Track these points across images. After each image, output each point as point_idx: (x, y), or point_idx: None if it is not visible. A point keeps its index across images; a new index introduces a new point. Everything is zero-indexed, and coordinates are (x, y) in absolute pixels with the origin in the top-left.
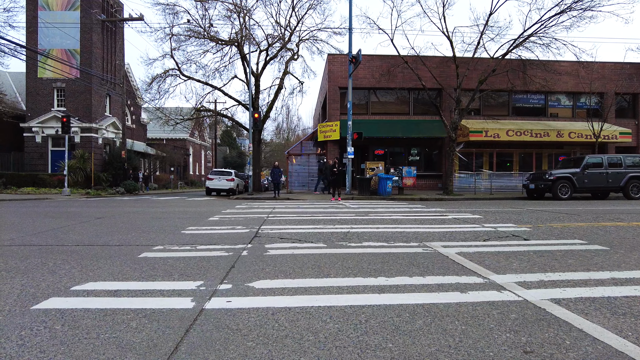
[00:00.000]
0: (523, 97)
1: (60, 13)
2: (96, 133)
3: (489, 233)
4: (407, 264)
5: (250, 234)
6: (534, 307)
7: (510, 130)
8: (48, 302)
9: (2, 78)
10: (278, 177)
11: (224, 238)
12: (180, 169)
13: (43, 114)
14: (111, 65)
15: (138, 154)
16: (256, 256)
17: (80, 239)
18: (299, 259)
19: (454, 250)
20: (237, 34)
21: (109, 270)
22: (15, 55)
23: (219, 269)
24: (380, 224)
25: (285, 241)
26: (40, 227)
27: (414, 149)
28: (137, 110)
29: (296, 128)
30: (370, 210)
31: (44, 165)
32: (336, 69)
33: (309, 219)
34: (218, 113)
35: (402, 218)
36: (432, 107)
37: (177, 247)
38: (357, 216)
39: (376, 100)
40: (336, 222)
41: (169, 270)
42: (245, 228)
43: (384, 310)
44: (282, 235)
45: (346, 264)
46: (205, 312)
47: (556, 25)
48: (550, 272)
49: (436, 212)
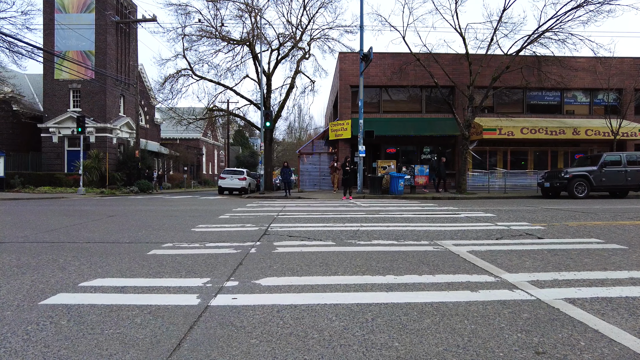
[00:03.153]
0: (538, 94)
1: (75, 15)
2: (110, 133)
3: (502, 231)
4: (417, 262)
5: (259, 231)
6: (547, 306)
7: (524, 128)
8: (56, 298)
9: (21, 80)
10: (288, 177)
11: (233, 236)
12: (193, 168)
13: (59, 114)
14: (125, 66)
15: (152, 153)
16: (264, 254)
17: (92, 237)
18: (307, 257)
19: (466, 249)
20: (249, 34)
21: (117, 267)
22: (32, 57)
23: (226, 266)
24: (391, 222)
25: (294, 239)
26: (54, 225)
27: (426, 148)
28: (151, 110)
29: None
30: (381, 208)
31: (60, 165)
32: (347, 67)
33: (318, 217)
34: (230, 113)
35: (414, 216)
36: (444, 105)
37: (186, 244)
38: (367, 214)
39: (388, 98)
40: (346, 221)
41: (177, 267)
42: (255, 226)
43: (391, 309)
44: (291, 233)
45: (355, 262)
46: (210, 308)
47: (572, 20)
48: (565, 271)
49: (448, 210)
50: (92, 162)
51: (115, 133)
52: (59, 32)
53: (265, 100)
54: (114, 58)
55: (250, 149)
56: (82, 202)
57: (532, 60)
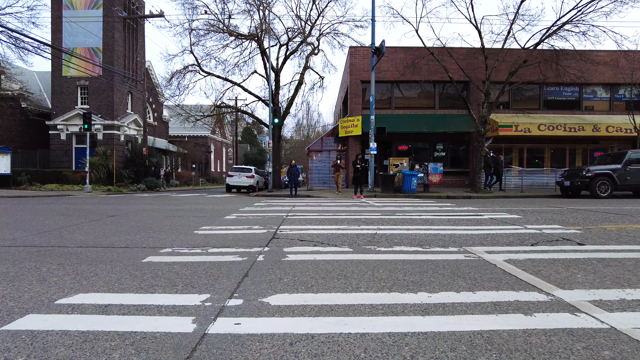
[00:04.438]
0: (555, 89)
1: (83, 12)
2: (118, 130)
3: (535, 236)
4: (450, 275)
5: (267, 235)
6: (629, 339)
7: (541, 125)
8: (23, 321)
9: (30, 77)
10: (296, 177)
11: (239, 240)
12: (201, 165)
13: (67, 111)
14: (132, 62)
15: (159, 151)
16: (273, 262)
17: (85, 240)
18: (321, 267)
19: (501, 257)
20: (257, 29)
21: (105, 278)
22: (39, 53)
23: (229, 277)
24: (411, 224)
25: (306, 244)
26: (48, 226)
27: (439, 145)
28: (159, 107)
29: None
30: (397, 209)
31: (68, 162)
32: (358, 62)
33: (331, 218)
34: (238, 110)
35: (434, 218)
36: (458, 101)
37: (186, 249)
38: (383, 215)
39: (400, 94)
40: (361, 222)
41: (173, 278)
42: (263, 228)
43: (432, 341)
44: (302, 236)
45: (378, 273)
46: (208, 338)
47: (594, 11)
48: (630, 288)
49: (469, 211)
50: (99, 159)
51: (122, 130)
52: (66, 28)
53: (274, 96)
54: (122, 54)
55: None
56: (86, 200)
57: (550, 54)
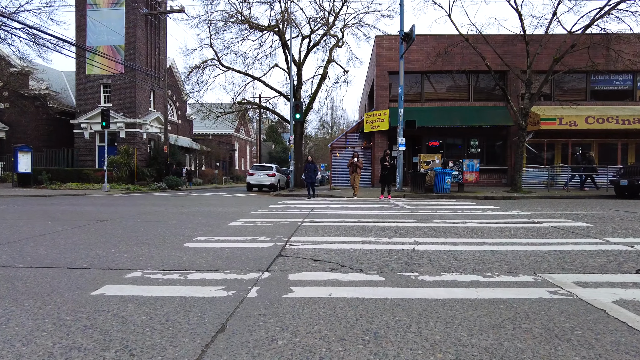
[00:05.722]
0: (604, 78)
1: (106, 10)
2: (140, 128)
3: (630, 255)
4: (544, 335)
5: (273, 250)
6: None
7: (590, 117)
8: None
9: (57, 77)
10: (313, 175)
11: (235, 258)
12: (226, 164)
13: (91, 110)
14: (155, 59)
15: (182, 149)
16: (269, 302)
17: (44, 256)
18: (339, 314)
19: (607, 296)
20: (278, 21)
21: (14, 329)
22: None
23: (194, 338)
24: (456, 235)
25: (320, 267)
26: (19, 234)
27: (473, 140)
28: (183, 105)
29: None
30: (433, 213)
31: (92, 160)
32: (385, 52)
33: (354, 226)
34: (260, 106)
35: (482, 226)
36: (494, 92)
37: (161, 274)
38: (418, 222)
39: (430, 85)
40: (392, 232)
41: (109, 333)
42: (270, 240)
43: None
44: (317, 254)
45: (427, 330)
46: None
47: None
48: None
49: (520, 217)
50: (121, 157)
51: (145, 128)
52: (90, 27)
53: (296, 90)
54: (144, 52)
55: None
56: (95, 200)
57: (599, 38)
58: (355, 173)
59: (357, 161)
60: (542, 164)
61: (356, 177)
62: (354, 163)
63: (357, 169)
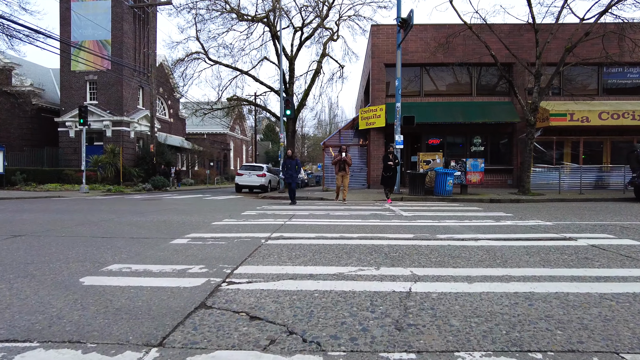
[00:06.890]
0: (618, 70)
1: (92, 3)
2: (128, 126)
3: None
4: None
5: (199, 293)
6: None
7: (604, 113)
8: None
9: (45, 74)
10: (294, 173)
11: (129, 311)
12: (220, 163)
13: (76, 107)
14: (143, 55)
15: (173, 148)
16: None
17: None
18: None
19: None
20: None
21: None
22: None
23: None
24: (468, 263)
25: (250, 339)
26: None
27: (476, 138)
28: (175, 103)
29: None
30: (435, 223)
31: (77, 160)
32: (381, 43)
33: (334, 244)
34: (251, 102)
35: (499, 245)
36: (499, 86)
37: None
38: (417, 239)
39: (430, 79)
40: (382, 257)
41: None
42: (205, 273)
43: None
44: (260, 303)
45: None
46: None
47: None
48: None
49: (541, 228)
50: (107, 157)
51: (132, 126)
52: (75, 21)
53: (287, 86)
54: (132, 47)
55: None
56: (59, 204)
57: (612, 27)
58: (343, 172)
59: (344, 156)
60: (550, 163)
61: (345, 177)
62: (342, 159)
63: (346, 166)
